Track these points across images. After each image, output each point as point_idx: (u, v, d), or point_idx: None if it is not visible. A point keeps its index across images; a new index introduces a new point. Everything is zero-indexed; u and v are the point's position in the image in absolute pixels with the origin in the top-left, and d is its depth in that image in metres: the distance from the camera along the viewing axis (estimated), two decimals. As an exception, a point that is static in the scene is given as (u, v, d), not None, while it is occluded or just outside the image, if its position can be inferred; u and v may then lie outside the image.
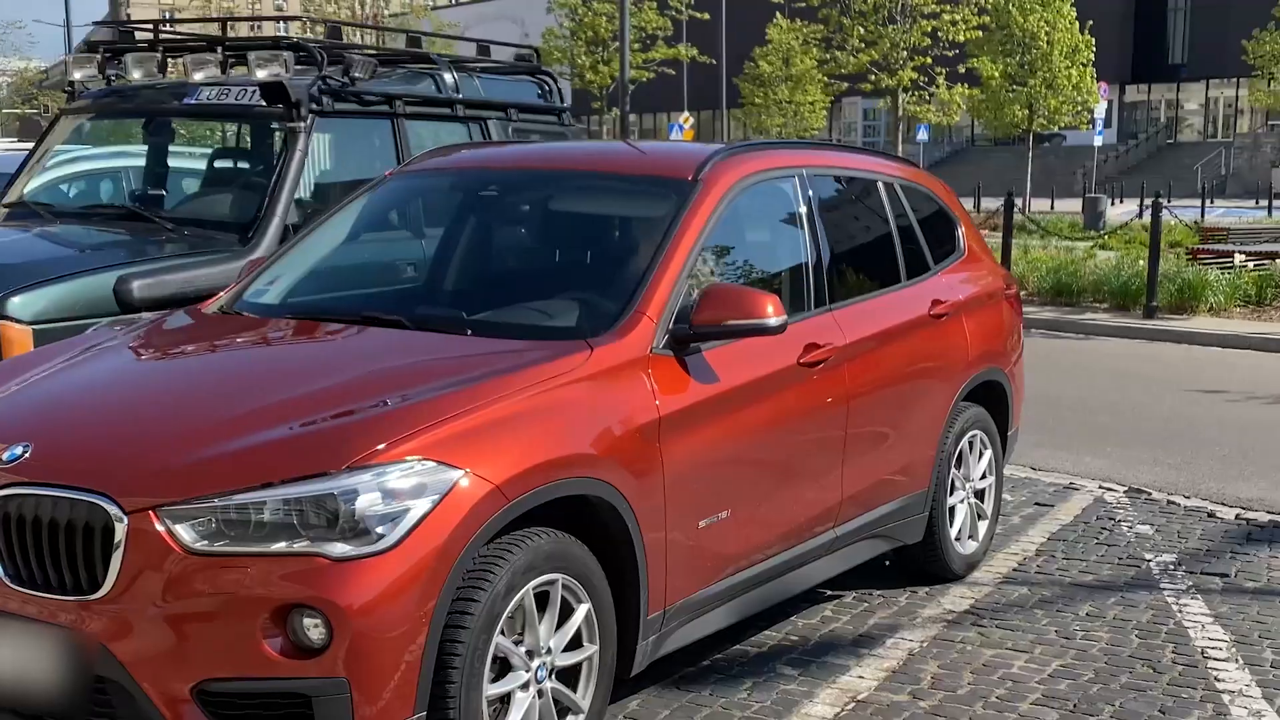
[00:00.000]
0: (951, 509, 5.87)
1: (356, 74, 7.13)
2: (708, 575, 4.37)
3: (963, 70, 31.26)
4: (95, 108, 7.63)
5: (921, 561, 5.84)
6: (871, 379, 5.14)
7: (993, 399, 6.14)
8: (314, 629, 3.24)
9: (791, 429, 4.72)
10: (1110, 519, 6.99)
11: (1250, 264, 17.44)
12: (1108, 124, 62.47)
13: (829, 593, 5.65)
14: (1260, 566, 6.19)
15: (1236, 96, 64.84)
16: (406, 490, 3.35)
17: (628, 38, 23.96)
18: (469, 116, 7.91)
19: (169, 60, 7.49)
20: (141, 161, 7.65)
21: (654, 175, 4.94)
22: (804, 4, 35.08)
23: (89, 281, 5.87)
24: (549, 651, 3.76)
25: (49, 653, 3.36)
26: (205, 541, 3.28)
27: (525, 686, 3.68)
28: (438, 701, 3.42)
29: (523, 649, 3.68)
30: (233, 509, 3.29)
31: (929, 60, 30.23)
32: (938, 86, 31.39)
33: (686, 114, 47.56)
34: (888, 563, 5.92)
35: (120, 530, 3.30)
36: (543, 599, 3.72)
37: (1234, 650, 5.09)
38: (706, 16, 36.70)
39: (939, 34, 29.99)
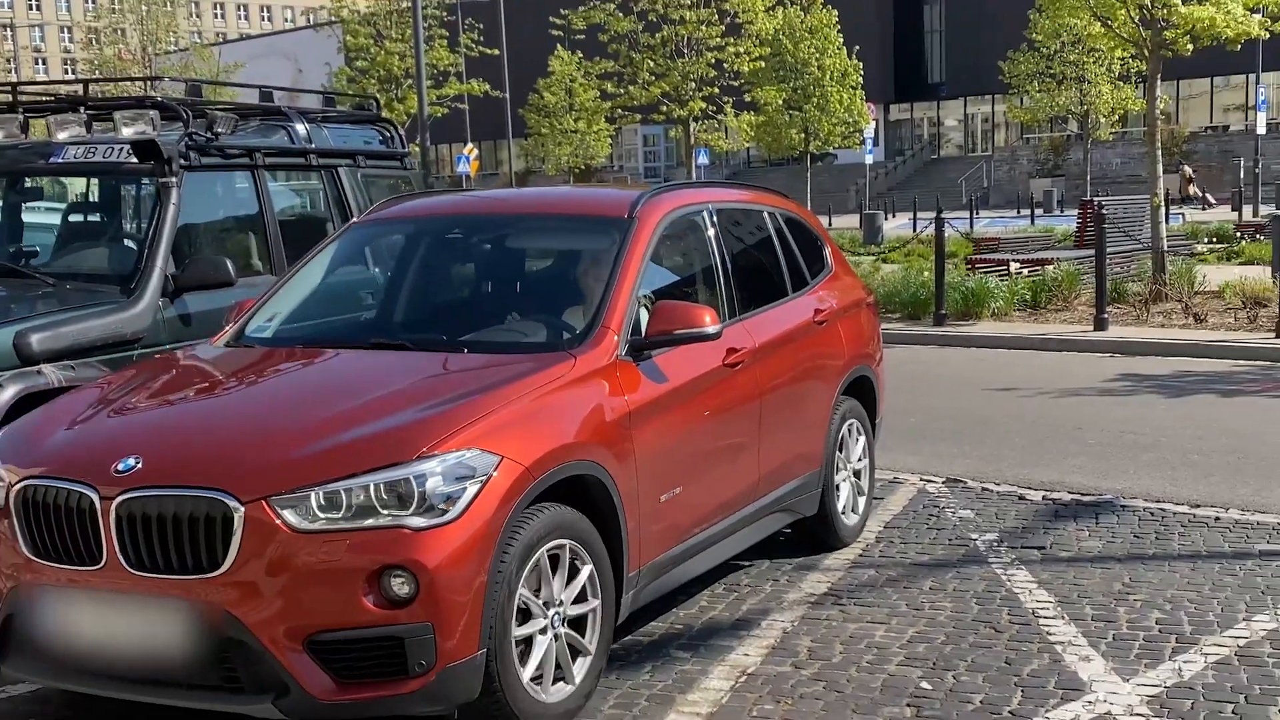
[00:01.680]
0: (838, 486, 6.88)
1: (219, 129, 7.46)
2: (668, 541, 5.29)
3: (748, 98, 32.50)
4: (-43, 169, 7.74)
5: (816, 532, 6.80)
6: (776, 376, 6.13)
7: (864, 392, 7.21)
8: (402, 585, 4.07)
9: (722, 418, 5.65)
10: (935, 506, 7.75)
11: (1025, 271, 18.77)
12: (876, 142, 65.12)
13: (699, 586, 6.24)
14: (1070, 538, 7.01)
15: (993, 112, 68.29)
16: (462, 473, 4.22)
17: (424, 75, 24.30)
18: (321, 165, 8.28)
19: (29, 120, 7.67)
20: (13, 219, 7.80)
21: (597, 215, 5.91)
22: (581, 36, 35.91)
23: (-15, 336, 6.07)
24: (561, 604, 4.61)
25: (177, 623, 4.12)
26: (307, 522, 4.09)
27: (544, 631, 4.55)
28: (489, 640, 4.27)
29: (540, 600, 4.52)
30: (328, 495, 4.10)
31: (716, 90, 31.33)
32: (725, 115, 32.53)
33: (470, 145, 47.95)
34: (782, 538, 6.73)
35: (238, 518, 4.08)
36: (555, 561, 4.57)
37: (1059, 609, 5.84)
38: (496, 52, 37.21)
39: (724, 65, 31.12)
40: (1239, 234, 27.85)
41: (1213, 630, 5.53)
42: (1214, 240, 27.46)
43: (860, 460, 7.15)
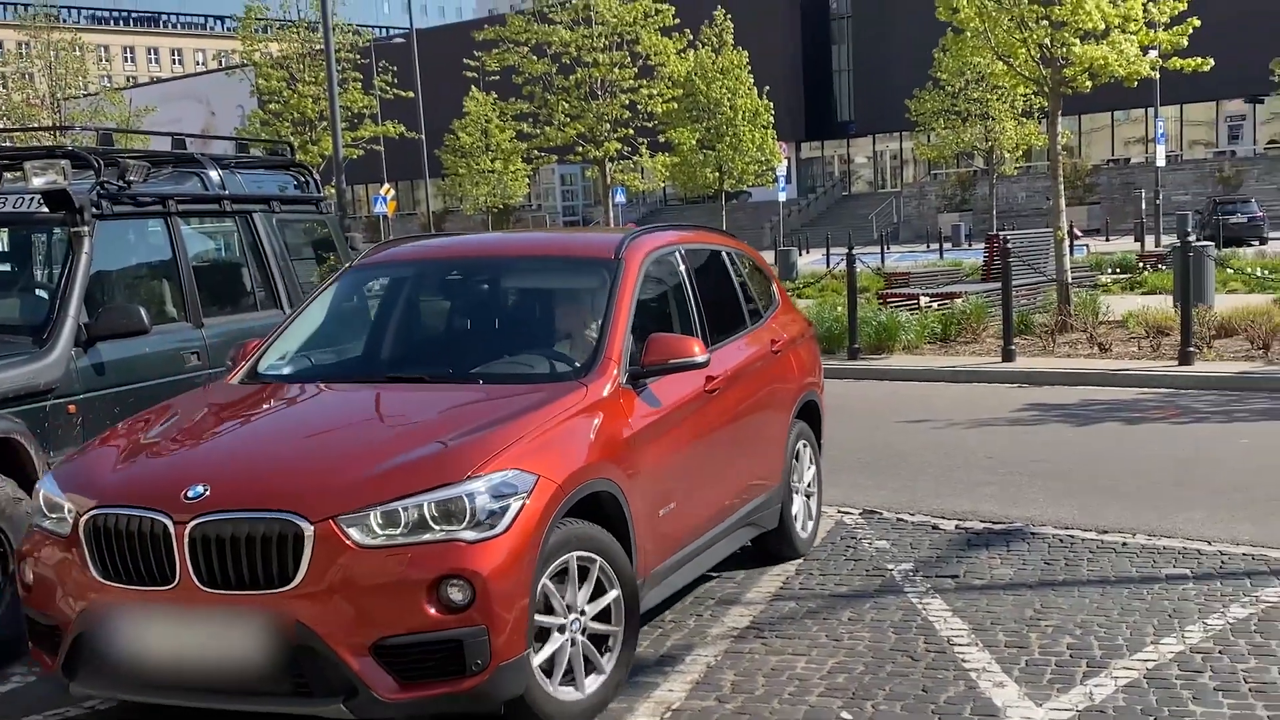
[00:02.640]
0: (794, 501, 7.42)
1: (131, 177, 7.40)
2: (665, 553, 5.73)
3: (661, 139, 32.79)
4: None
5: (776, 544, 7.27)
6: (744, 401, 6.67)
7: (812, 415, 7.78)
8: (458, 592, 4.49)
9: (704, 439, 6.15)
10: (853, 538, 7.84)
11: (934, 304, 19.07)
12: (789, 180, 65.89)
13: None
14: (983, 567, 7.12)
15: (901, 149, 69.44)
16: (506, 491, 4.68)
17: (338, 118, 24.23)
18: (236, 211, 8.25)
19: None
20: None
21: (586, 257, 6.45)
22: (495, 77, 36.04)
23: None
24: (584, 613, 5.02)
25: (250, 634, 4.49)
26: (370, 538, 4.51)
27: (562, 630, 4.93)
28: (532, 641, 4.75)
29: (564, 600, 4.93)
30: (387, 513, 4.53)
31: (631, 131, 31.57)
32: (640, 155, 32.74)
33: (387, 185, 47.81)
34: (741, 550, 6.99)
35: (309, 537, 4.49)
36: (583, 573, 5.01)
37: (974, 636, 5.94)
38: (410, 94, 37.18)
39: (638, 106, 31.35)
40: (1141, 264, 28.48)
41: (1122, 654, 5.65)
42: (1118, 271, 28.04)
43: (811, 477, 7.73)
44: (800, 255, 49.61)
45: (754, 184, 40.12)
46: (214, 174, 8.22)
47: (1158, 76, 16.33)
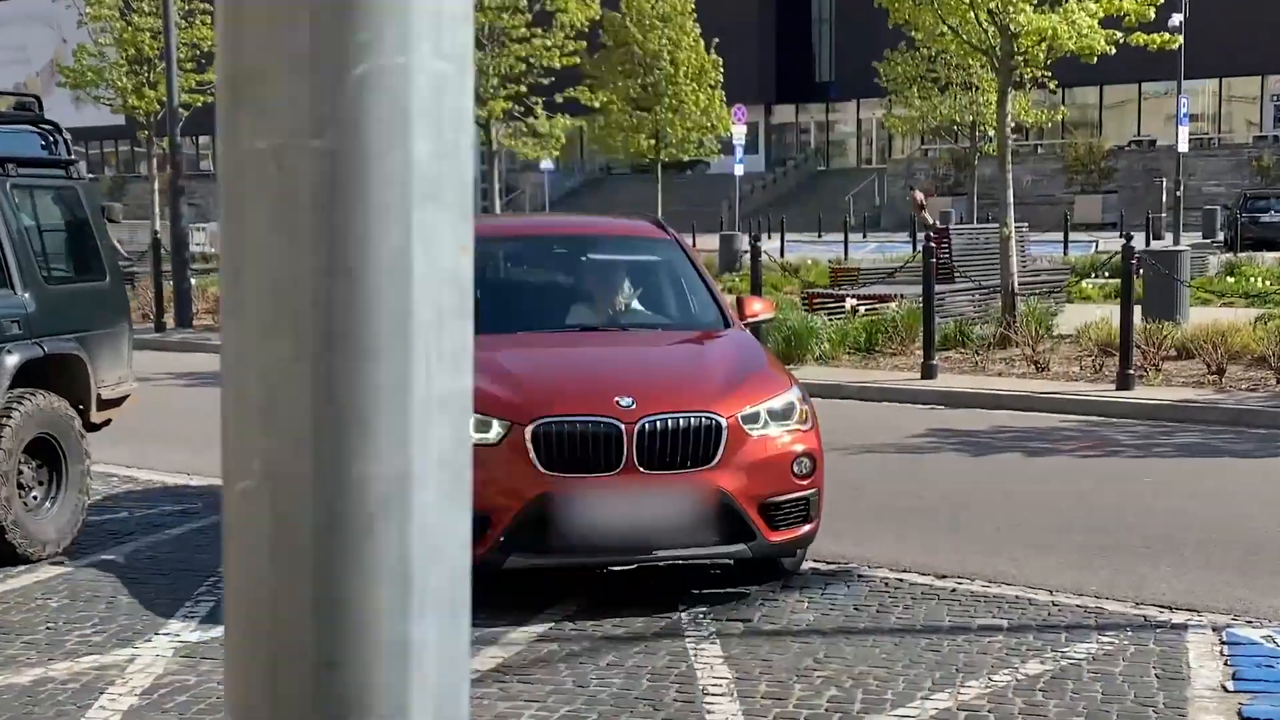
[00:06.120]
0: None
1: None
2: None
3: (560, 99, 33.17)
4: None
5: None
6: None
7: None
8: (806, 465, 7.89)
9: None
10: (655, 573, 8.38)
11: (862, 308, 19.72)
12: (753, 149, 66.29)
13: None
14: (784, 610, 7.70)
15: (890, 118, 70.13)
16: (803, 395, 8.30)
17: (174, 57, 24.60)
18: (-40, 172, 8.67)
19: None
20: None
21: (647, 236, 10.11)
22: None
23: None
24: None
25: (685, 501, 7.58)
26: (754, 429, 7.79)
27: None
28: None
29: None
30: (755, 413, 7.81)
31: (524, 89, 31.97)
32: (536, 117, 33.13)
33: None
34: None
35: (725, 429, 7.65)
36: None
37: (732, 686, 6.51)
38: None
39: (532, 61, 31.73)
40: (1137, 268, 29.11)
41: (883, 709, 6.22)
42: (1108, 275, 28.60)
43: None
44: (761, 241, 50.22)
45: (694, 155, 40.48)
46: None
47: (1112, 52, 16.96)
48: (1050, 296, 21.67)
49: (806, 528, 7.94)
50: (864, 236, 53.59)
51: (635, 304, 9.50)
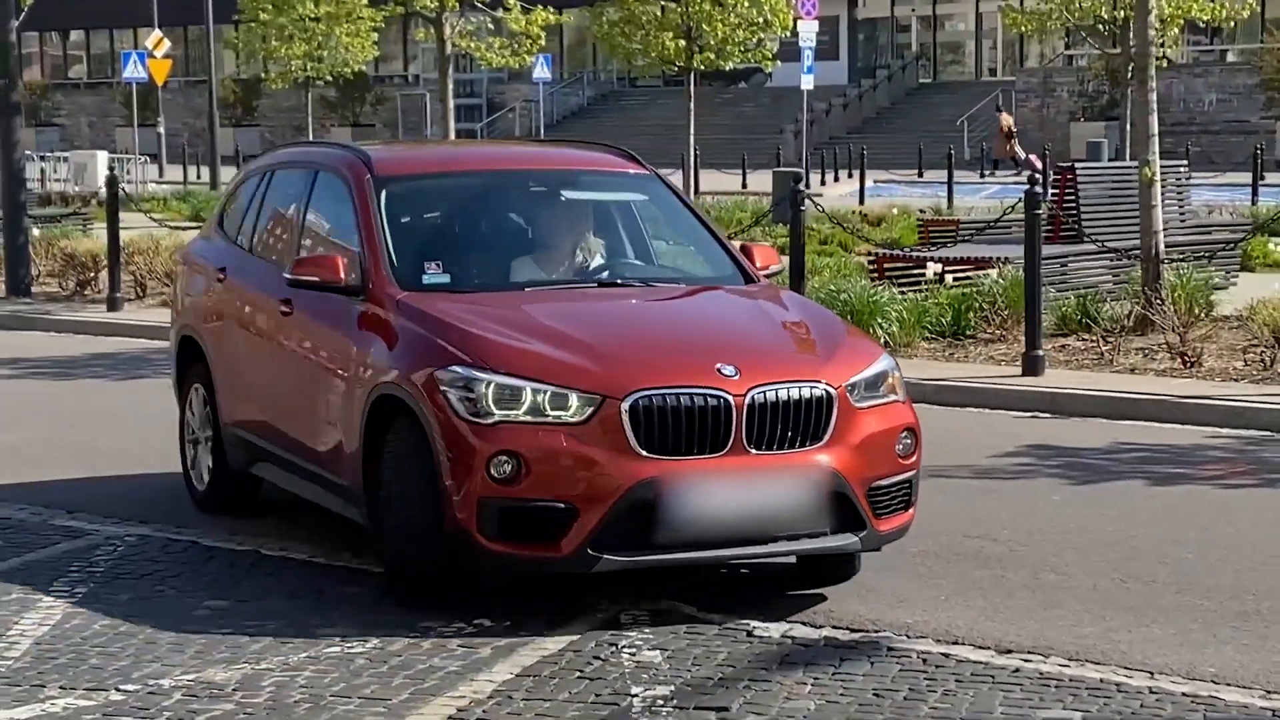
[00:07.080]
0: None
1: None
2: None
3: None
4: None
5: None
6: None
7: None
8: (908, 442, 9.11)
9: None
10: (612, 645, 8.41)
11: (949, 276, 19.68)
12: (831, 54, 65.97)
13: None
14: (777, 695, 7.68)
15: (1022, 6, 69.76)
16: (896, 366, 9.43)
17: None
18: None
19: None
20: None
21: (617, 170, 11.02)
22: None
23: None
24: None
25: (802, 486, 8.64)
26: (858, 400, 8.85)
27: None
28: None
29: None
30: (856, 383, 8.91)
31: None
32: (507, 8, 33.03)
33: (158, 33, 48.03)
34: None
35: (835, 400, 8.66)
36: None
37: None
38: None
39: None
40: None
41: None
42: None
43: None
44: (825, 182, 50.02)
45: (741, 61, 40.26)
46: None
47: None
48: (1219, 263, 21.55)
49: (908, 515, 9.14)
50: (981, 176, 53.35)
51: (643, 255, 10.76)
